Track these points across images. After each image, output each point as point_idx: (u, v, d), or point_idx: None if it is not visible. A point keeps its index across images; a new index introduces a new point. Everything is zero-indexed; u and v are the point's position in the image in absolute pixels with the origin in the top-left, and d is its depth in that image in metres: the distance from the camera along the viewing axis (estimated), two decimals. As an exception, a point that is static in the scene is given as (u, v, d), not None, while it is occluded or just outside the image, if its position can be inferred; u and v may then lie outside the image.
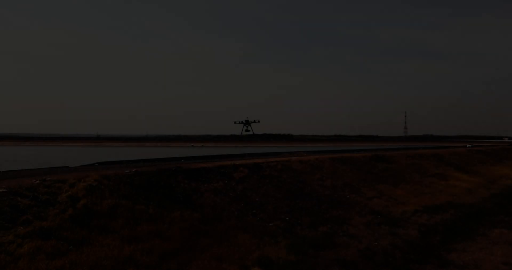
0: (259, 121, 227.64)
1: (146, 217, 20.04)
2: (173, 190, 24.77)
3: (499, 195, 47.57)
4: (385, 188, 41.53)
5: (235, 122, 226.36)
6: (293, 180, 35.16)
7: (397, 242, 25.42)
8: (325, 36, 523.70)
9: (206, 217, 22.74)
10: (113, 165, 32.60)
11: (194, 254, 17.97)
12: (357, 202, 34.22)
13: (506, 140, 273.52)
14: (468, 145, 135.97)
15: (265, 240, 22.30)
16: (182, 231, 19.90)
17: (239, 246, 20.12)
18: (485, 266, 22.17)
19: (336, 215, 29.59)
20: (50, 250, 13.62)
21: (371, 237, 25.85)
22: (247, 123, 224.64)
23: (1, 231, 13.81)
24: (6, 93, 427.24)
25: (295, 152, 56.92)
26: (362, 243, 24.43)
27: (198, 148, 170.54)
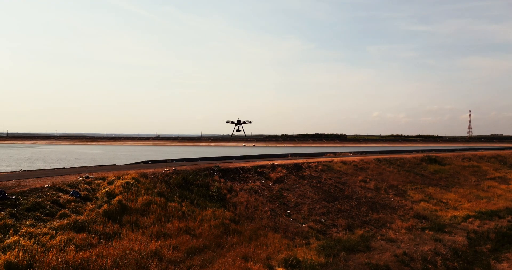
0: (250, 122, 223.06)
1: (178, 214, 20.73)
2: (208, 189, 25.34)
3: None
4: (435, 191, 39.25)
5: (226, 122, 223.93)
6: (333, 181, 34.43)
7: (439, 249, 23.92)
8: (381, 33, 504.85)
9: (237, 216, 23.02)
10: (157, 163, 34.04)
11: (220, 251, 18.29)
12: (401, 206, 32.71)
13: None
14: None
15: (296, 241, 22.11)
16: (212, 229, 20.32)
17: (267, 246, 20.13)
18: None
19: (376, 218, 28.52)
20: (80, 243, 14.58)
21: (411, 243, 24.59)
22: (238, 123, 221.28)
23: (39, 223, 15.04)
24: (77, 99, 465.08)
25: (341, 153, 55.61)
26: (400, 248, 23.32)
27: (249, 148, 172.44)
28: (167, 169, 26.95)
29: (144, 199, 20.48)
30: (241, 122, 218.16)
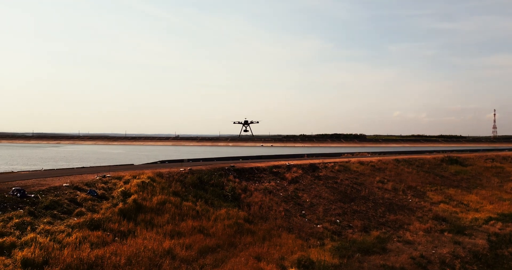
0: (258, 122, 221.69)
1: (192, 213, 20.91)
2: (223, 189, 25.47)
3: None
4: (456, 193, 38.32)
5: (234, 123, 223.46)
6: (350, 182, 34.04)
7: (458, 252, 23.33)
8: (403, 31, 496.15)
9: (251, 216, 23.05)
10: (173, 163, 34.43)
11: (233, 251, 18.34)
12: (419, 207, 32.08)
13: None
14: None
15: (310, 241, 21.97)
16: (226, 228, 20.40)
17: (281, 246, 20.08)
18: None
19: (393, 219, 28.06)
20: (95, 240, 14.88)
21: (429, 245, 24.07)
22: (245, 123, 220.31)
23: (56, 221, 15.43)
24: (99, 101, 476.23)
25: (358, 153, 54.93)
26: (417, 250, 22.85)
27: (267, 148, 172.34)
28: (183, 169, 27.22)
29: (159, 198, 20.75)
30: (249, 122, 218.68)
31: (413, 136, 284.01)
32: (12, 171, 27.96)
